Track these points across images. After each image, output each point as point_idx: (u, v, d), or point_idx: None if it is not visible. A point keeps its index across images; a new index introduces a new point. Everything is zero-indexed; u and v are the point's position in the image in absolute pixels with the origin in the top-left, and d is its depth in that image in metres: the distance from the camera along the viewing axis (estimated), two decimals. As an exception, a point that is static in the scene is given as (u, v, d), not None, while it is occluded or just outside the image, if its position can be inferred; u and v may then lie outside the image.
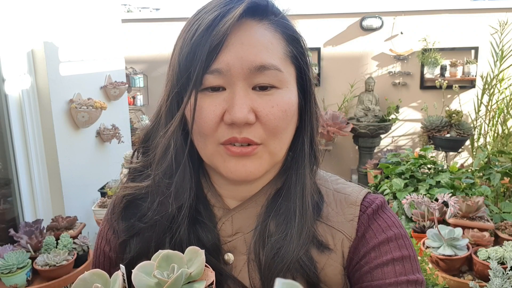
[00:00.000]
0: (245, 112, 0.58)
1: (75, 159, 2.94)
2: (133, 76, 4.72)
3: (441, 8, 4.64)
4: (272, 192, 0.69)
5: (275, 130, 0.61)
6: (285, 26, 0.64)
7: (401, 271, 0.63)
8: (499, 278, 1.43)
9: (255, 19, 0.61)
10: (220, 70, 0.58)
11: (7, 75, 2.52)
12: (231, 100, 0.59)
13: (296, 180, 0.67)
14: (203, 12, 0.61)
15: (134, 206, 0.70)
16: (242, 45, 0.58)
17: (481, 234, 1.97)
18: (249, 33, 0.59)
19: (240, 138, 0.60)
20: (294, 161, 0.68)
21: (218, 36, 0.57)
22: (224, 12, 0.58)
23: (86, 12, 3.19)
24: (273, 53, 0.60)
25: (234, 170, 0.62)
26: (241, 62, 0.58)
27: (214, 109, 0.60)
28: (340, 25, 4.82)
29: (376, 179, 3.13)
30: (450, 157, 4.67)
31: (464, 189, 2.55)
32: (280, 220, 0.65)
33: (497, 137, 4.39)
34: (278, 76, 0.60)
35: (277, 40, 0.62)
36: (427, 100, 4.71)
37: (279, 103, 0.60)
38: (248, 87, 0.60)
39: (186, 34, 0.61)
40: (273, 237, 0.64)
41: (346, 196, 0.70)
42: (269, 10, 0.63)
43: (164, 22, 5.01)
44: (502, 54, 4.37)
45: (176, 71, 0.62)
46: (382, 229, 0.66)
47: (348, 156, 5.04)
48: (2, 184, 2.63)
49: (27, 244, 2.14)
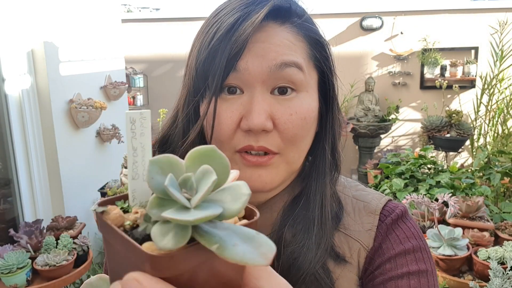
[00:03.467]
0: (262, 119, 0.55)
1: (75, 159, 2.94)
2: (133, 76, 4.72)
3: (441, 8, 4.63)
4: (289, 200, 0.65)
5: (293, 139, 0.58)
6: (309, 29, 0.61)
7: (415, 286, 0.59)
8: (499, 278, 1.43)
9: (277, 22, 0.58)
10: (239, 69, 0.56)
11: (7, 75, 2.52)
12: (248, 105, 0.56)
13: (316, 188, 0.63)
14: (223, 14, 0.57)
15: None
16: (263, 43, 0.56)
17: (481, 234, 1.97)
18: (271, 35, 0.57)
19: (257, 146, 0.57)
20: (314, 168, 0.65)
21: (238, 43, 0.54)
22: (245, 15, 0.55)
23: (86, 12, 3.19)
24: (296, 53, 0.58)
25: (249, 180, 0.58)
26: (261, 60, 0.55)
27: (231, 115, 0.57)
28: (340, 25, 4.82)
29: (376, 179, 3.13)
30: (450, 157, 4.67)
31: (464, 189, 2.55)
32: (297, 229, 0.62)
33: (497, 137, 4.39)
34: (298, 75, 0.57)
35: (300, 43, 0.59)
36: (427, 100, 4.71)
37: (298, 110, 0.57)
38: (267, 91, 0.57)
39: (204, 37, 0.58)
40: (290, 246, 0.60)
41: (366, 204, 0.67)
42: (292, 12, 0.60)
43: (164, 22, 5.01)
44: (502, 54, 4.37)
45: (193, 76, 0.59)
46: (400, 240, 0.63)
47: (348, 156, 5.04)
48: (2, 184, 2.63)
49: (27, 244, 2.14)
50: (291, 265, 0.60)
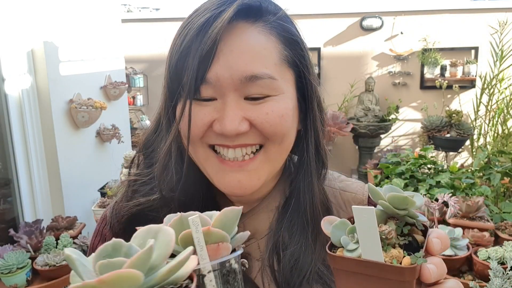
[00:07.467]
0: (235, 124, 0.55)
1: (75, 159, 2.94)
2: (133, 76, 4.72)
3: (441, 8, 4.63)
4: (282, 202, 0.66)
5: (272, 136, 0.58)
6: (283, 28, 0.60)
7: None
8: (499, 278, 1.43)
9: (249, 21, 0.57)
10: (209, 81, 0.55)
11: (7, 75, 2.52)
12: (221, 111, 0.56)
13: (304, 188, 0.64)
14: (195, 15, 0.57)
15: (142, 219, 0.65)
16: (232, 52, 0.55)
17: (481, 234, 1.97)
18: (241, 38, 0.56)
19: (233, 145, 0.57)
20: (301, 168, 0.65)
21: (208, 43, 0.53)
22: (216, 15, 0.54)
23: (86, 12, 3.19)
24: (267, 60, 0.57)
25: (227, 186, 0.59)
26: (231, 72, 0.55)
27: (202, 117, 0.57)
28: (340, 25, 4.82)
29: (376, 179, 3.13)
30: (450, 157, 4.67)
31: (464, 189, 2.55)
32: (293, 230, 0.63)
33: (497, 137, 4.39)
34: (272, 85, 0.57)
35: (272, 44, 0.58)
36: (427, 100, 4.71)
37: (274, 109, 0.57)
38: (240, 97, 0.57)
39: (177, 40, 0.58)
40: (288, 248, 0.61)
41: (353, 195, 0.70)
42: (264, 10, 0.59)
43: (164, 22, 5.01)
44: (502, 54, 4.37)
45: (167, 79, 0.59)
46: None
47: (348, 156, 5.04)
48: (2, 184, 2.63)
49: (27, 244, 2.14)
50: (292, 267, 0.60)
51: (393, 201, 0.45)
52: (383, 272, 0.40)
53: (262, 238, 0.65)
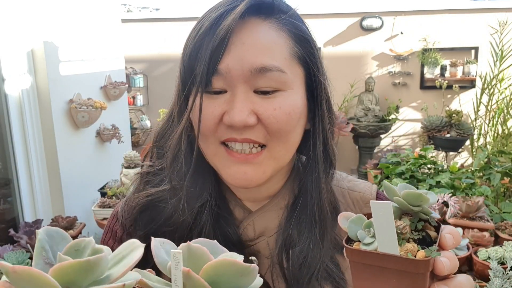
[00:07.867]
0: (244, 116, 0.56)
1: (75, 159, 2.94)
2: (133, 76, 4.72)
3: (441, 8, 4.64)
4: (291, 200, 0.67)
5: (278, 133, 0.59)
6: (294, 26, 0.61)
7: None
8: (499, 278, 1.43)
9: (260, 17, 0.59)
10: (220, 72, 0.57)
11: (7, 75, 2.52)
12: (231, 103, 0.58)
13: (312, 187, 0.65)
14: (209, 11, 0.60)
15: (153, 210, 0.67)
16: (243, 45, 0.57)
17: (481, 234, 1.97)
18: (252, 32, 0.58)
19: (240, 138, 0.59)
20: (308, 167, 0.66)
21: (220, 35, 0.55)
22: (229, 9, 0.57)
23: (86, 12, 3.19)
24: (277, 53, 0.58)
25: (234, 177, 0.61)
26: (242, 63, 0.56)
27: (212, 110, 0.59)
28: (340, 25, 4.82)
29: (376, 179, 3.14)
30: (450, 157, 4.67)
31: (464, 189, 2.55)
32: (302, 228, 0.64)
33: (497, 137, 4.39)
34: (281, 78, 0.58)
35: (283, 40, 0.59)
36: (427, 100, 4.71)
37: (282, 106, 0.58)
38: (250, 90, 0.58)
39: (191, 33, 0.60)
40: (297, 246, 0.63)
41: (361, 194, 0.71)
42: (275, 8, 0.61)
43: (164, 22, 5.01)
44: (502, 54, 4.37)
45: (181, 71, 0.61)
46: None
47: (348, 156, 5.04)
48: (2, 184, 2.63)
49: (27, 244, 2.14)
50: (301, 264, 0.62)
51: (407, 197, 0.46)
52: (398, 265, 0.42)
53: (272, 236, 0.66)
